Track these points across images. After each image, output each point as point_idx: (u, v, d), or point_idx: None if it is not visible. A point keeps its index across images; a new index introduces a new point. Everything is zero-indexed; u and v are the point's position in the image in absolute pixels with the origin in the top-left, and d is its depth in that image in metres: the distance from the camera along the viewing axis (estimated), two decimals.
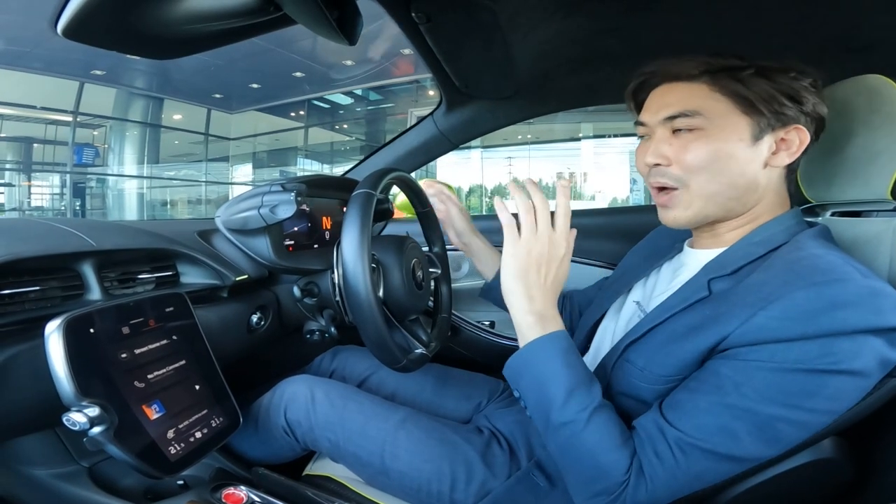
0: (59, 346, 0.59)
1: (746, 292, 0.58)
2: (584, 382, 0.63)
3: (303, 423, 0.87)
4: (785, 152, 0.66)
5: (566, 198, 0.70)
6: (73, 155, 8.56)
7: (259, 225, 0.90)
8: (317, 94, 10.48)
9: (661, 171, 0.69)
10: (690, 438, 0.57)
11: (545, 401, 0.63)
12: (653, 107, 0.70)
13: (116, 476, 0.79)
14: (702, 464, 0.57)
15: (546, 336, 0.65)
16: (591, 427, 0.61)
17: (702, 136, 0.65)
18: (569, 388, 0.62)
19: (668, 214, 0.71)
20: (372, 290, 0.74)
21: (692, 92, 0.66)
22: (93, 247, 0.73)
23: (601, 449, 0.60)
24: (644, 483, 0.59)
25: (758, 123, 0.64)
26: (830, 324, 0.52)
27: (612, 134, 9.62)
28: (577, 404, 0.61)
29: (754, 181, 0.66)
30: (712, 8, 0.84)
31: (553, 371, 0.63)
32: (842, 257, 0.57)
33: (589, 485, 0.61)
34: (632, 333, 0.68)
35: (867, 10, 0.81)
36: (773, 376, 0.54)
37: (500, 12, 0.79)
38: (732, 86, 0.64)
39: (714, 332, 0.58)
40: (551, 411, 0.62)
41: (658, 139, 0.69)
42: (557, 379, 0.63)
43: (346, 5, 0.60)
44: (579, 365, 0.65)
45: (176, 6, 0.52)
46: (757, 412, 0.54)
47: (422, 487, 0.79)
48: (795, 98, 0.63)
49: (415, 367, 0.83)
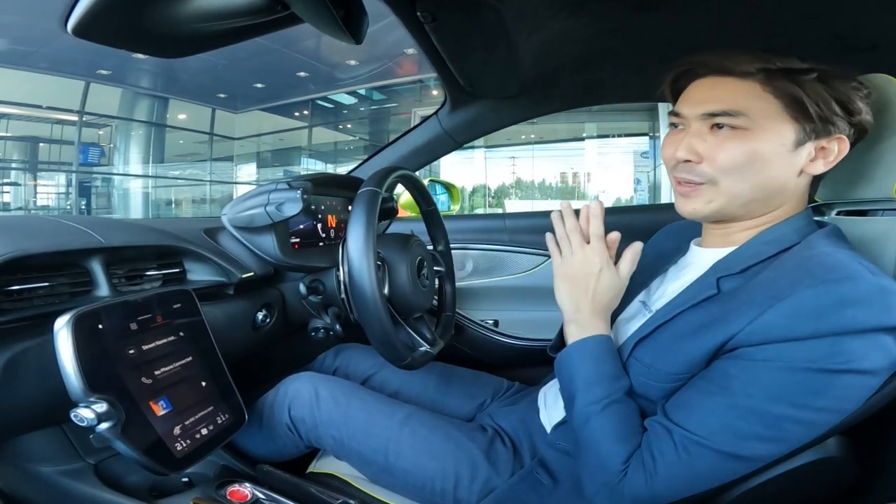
0: (68, 341, 0.60)
1: (755, 290, 0.58)
2: (607, 377, 0.67)
3: (307, 421, 0.87)
4: (822, 161, 0.64)
5: (597, 219, 0.75)
6: (79, 154, 8.59)
7: (265, 222, 0.90)
8: (321, 94, 10.47)
9: (689, 167, 0.66)
10: (696, 437, 0.57)
11: (571, 390, 0.69)
12: (694, 98, 0.67)
13: (122, 473, 0.79)
14: (706, 463, 0.57)
15: (581, 340, 0.71)
16: (602, 417, 0.65)
17: (742, 136, 0.62)
18: (591, 380, 0.67)
19: (687, 205, 0.69)
20: (377, 288, 0.75)
21: (742, 90, 0.63)
22: (101, 243, 0.74)
23: (604, 439, 0.64)
24: (644, 478, 0.59)
25: (804, 129, 0.62)
26: (840, 322, 0.51)
27: (615, 134, 9.58)
28: (595, 395, 0.66)
29: (784, 186, 0.65)
30: (716, 7, 0.84)
31: (582, 365, 0.69)
32: (852, 255, 0.57)
33: (595, 475, 0.64)
34: (640, 331, 0.69)
35: (872, 10, 0.80)
36: (781, 375, 0.53)
37: (505, 12, 0.79)
38: (788, 88, 0.61)
39: (722, 331, 0.58)
40: (574, 400, 0.68)
41: (693, 133, 0.66)
42: (583, 371, 0.69)
43: (353, 4, 0.60)
44: (609, 363, 0.69)
45: (184, 5, 0.52)
46: (764, 412, 0.54)
47: (425, 485, 0.79)
48: (848, 107, 0.61)
49: (419, 365, 0.84)
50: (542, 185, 10.50)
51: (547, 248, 0.78)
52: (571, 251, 0.74)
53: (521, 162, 10.59)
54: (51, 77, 7.61)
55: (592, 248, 0.74)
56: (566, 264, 0.75)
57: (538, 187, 10.51)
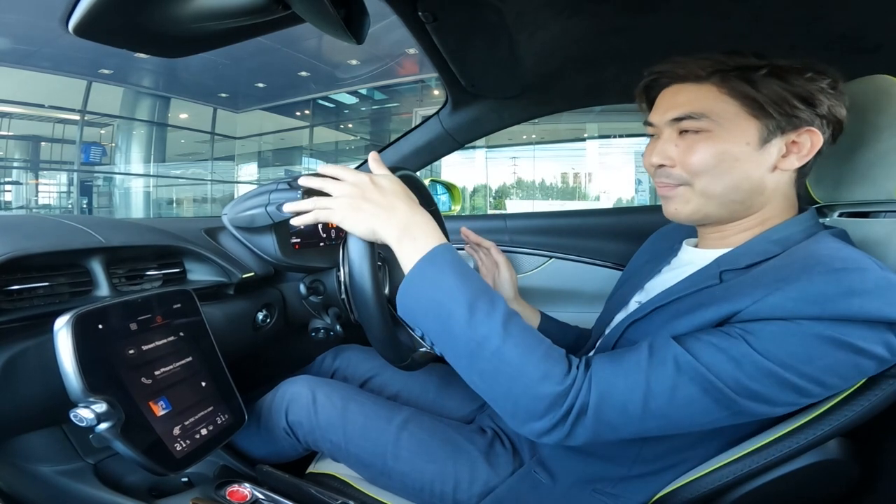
0: (67, 341, 0.60)
1: (762, 275, 0.58)
2: (483, 292, 0.59)
3: (304, 425, 0.86)
4: (795, 155, 0.65)
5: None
6: (81, 153, 8.60)
7: (266, 222, 0.90)
8: (322, 94, 10.48)
9: (665, 171, 0.69)
10: (687, 358, 0.55)
11: (448, 324, 0.58)
12: (661, 107, 0.70)
13: (121, 473, 0.79)
14: (691, 392, 0.55)
15: (427, 255, 0.61)
16: (510, 339, 0.57)
17: (708, 138, 0.65)
18: (468, 300, 0.58)
19: (668, 207, 0.71)
20: (378, 288, 0.74)
21: (700, 94, 0.66)
22: (101, 243, 0.74)
23: (528, 359, 0.56)
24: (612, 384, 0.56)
25: (766, 126, 0.63)
26: (846, 309, 0.52)
27: (617, 134, 9.58)
28: (485, 316, 0.57)
29: (760, 184, 0.66)
30: (718, 8, 0.83)
31: (445, 288, 0.59)
32: (860, 252, 0.57)
33: (529, 404, 0.56)
34: (634, 314, 0.69)
35: (875, 11, 0.80)
36: (779, 336, 0.53)
37: (506, 11, 0.79)
38: (742, 87, 0.63)
39: (723, 308, 0.57)
40: (459, 333, 0.58)
41: (665, 140, 0.69)
42: (453, 294, 0.58)
43: (354, 4, 0.60)
44: (472, 275, 0.61)
45: (186, 4, 0.52)
46: (752, 362, 0.53)
47: (424, 488, 0.79)
48: (809, 100, 0.62)
49: (419, 366, 0.83)
50: (543, 185, 10.49)
51: (548, 249, 0.78)
52: (337, 184, 0.67)
53: (522, 162, 10.58)
54: (53, 76, 7.62)
55: (342, 176, 0.68)
56: (342, 190, 0.66)
57: (539, 188, 10.51)
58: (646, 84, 0.74)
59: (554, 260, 1.41)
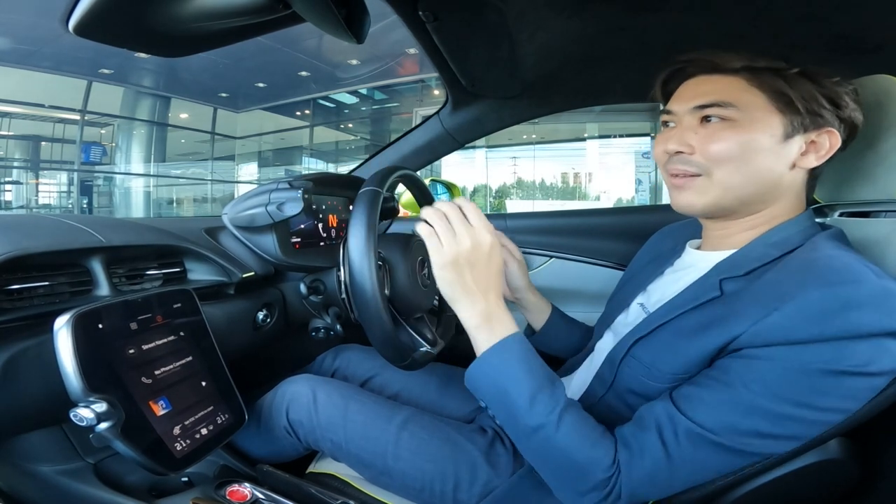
0: (67, 341, 0.60)
1: (760, 291, 0.58)
2: (545, 385, 0.63)
3: (305, 424, 0.86)
4: (814, 154, 0.65)
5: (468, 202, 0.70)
6: (81, 153, 8.60)
7: (266, 222, 0.90)
8: (322, 94, 10.49)
9: (683, 158, 0.68)
10: (699, 430, 0.57)
11: (510, 409, 0.63)
12: (685, 95, 0.69)
13: (121, 473, 0.79)
14: (707, 455, 0.57)
15: (499, 343, 0.65)
16: (563, 428, 0.61)
17: (732, 127, 0.65)
18: (531, 393, 0.62)
19: (682, 198, 0.70)
20: (378, 288, 0.74)
21: (729, 84, 0.66)
22: (102, 243, 0.74)
23: (578, 448, 0.60)
24: (641, 471, 0.58)
25: (791, 122, 0.64)
26: (845, 325, 0.51)
27: (617, 134, 9.58)
28: (544, 407, 0.61)
29: (778, 179, 0.66)
30: (719, 8, 0.83)
31: (512, 378, 0.63)
32: (857, 258, 0.57)
33: (574, 484, 0.61)
34: (638, 330, 0.68)
35: (876, 11, 0.80)
36: (786, 375, 0.53)
37: (507, 11, 0.79)
38: (773, 82, 0.64)
39: (725, 331, 0.57)
40: (518, 419, 0.62)
41: (685, 127, 0.68)
42: (518, 385, 0.63)
43: (354, 3, 0.60)
44: (538, 367, 0.65)
45: (186, 4, 0.52)
46: (768, 410, 0.54)
47: (425, 488, 0.79)
48: (835, 101, 0.63)
49: (420, 366, 0.83)
50: (543, 185, 10.49)
51: (548, 249, 0.78)
52: (454, 231, 0.66)
53: (522, 162, 10.58)
54: (53, 76, 7.62)
55: (476, 222, 0.68)
56: (451, 246, 0.66)
57: (539, 187, 10.51)
58: (668, 74, 0.74)
59: (554, 260, 1.41)
